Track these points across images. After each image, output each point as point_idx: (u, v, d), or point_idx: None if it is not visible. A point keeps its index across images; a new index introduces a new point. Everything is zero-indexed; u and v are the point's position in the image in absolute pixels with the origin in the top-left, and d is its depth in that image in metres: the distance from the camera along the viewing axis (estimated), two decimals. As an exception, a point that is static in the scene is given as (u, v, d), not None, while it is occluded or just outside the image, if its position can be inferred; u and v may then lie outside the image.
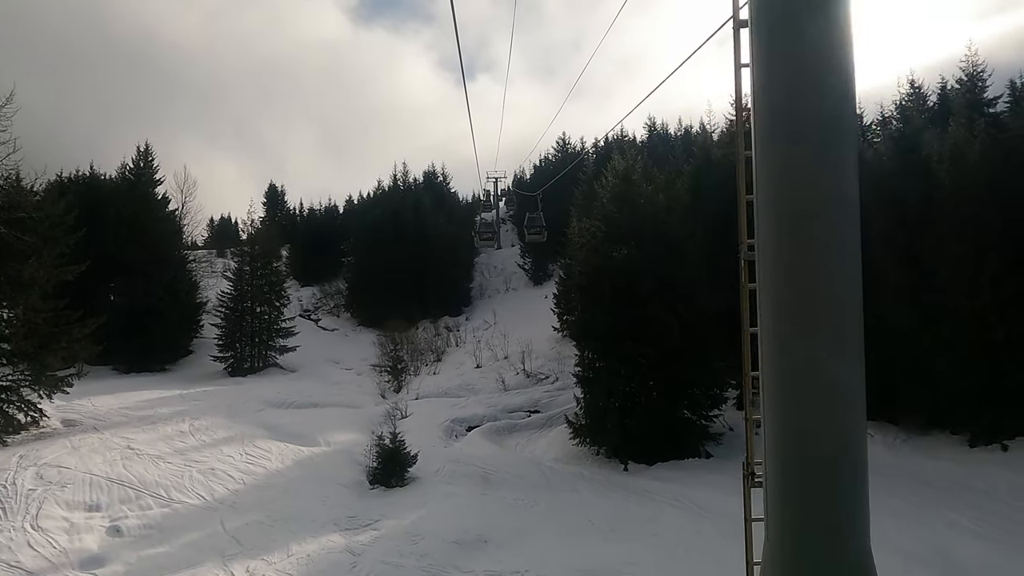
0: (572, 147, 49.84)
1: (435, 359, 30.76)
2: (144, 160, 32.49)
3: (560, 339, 29.29)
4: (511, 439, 19.10)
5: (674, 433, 16.45)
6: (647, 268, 16.95)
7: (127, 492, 12.36)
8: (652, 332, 16.52)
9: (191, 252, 44.44)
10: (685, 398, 17.14)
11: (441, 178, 53.20)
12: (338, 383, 26.62)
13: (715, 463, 15.84)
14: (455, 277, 39.45)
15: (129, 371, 27.73)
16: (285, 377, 27.75)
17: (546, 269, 40.65)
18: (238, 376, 27.68)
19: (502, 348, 28.77)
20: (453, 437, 19.27)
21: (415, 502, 13.10)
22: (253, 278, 29.83)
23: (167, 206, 32.84)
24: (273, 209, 60.01)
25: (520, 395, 22.60)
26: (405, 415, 20.85)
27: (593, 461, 16.77)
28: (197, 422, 17.40)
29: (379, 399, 24.31)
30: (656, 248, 17.26)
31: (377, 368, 29.38)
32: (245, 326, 29.06)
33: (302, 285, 45.35)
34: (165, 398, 21.28)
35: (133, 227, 28.68)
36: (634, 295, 16.67)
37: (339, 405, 22.07)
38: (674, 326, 16.50)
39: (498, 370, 26.23)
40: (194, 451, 15.08)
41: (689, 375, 17.11)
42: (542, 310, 33.16)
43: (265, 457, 15.08)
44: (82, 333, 18.25)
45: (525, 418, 20.90)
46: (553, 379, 24.62)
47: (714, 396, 17.38)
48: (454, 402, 22.23)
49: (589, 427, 17.19)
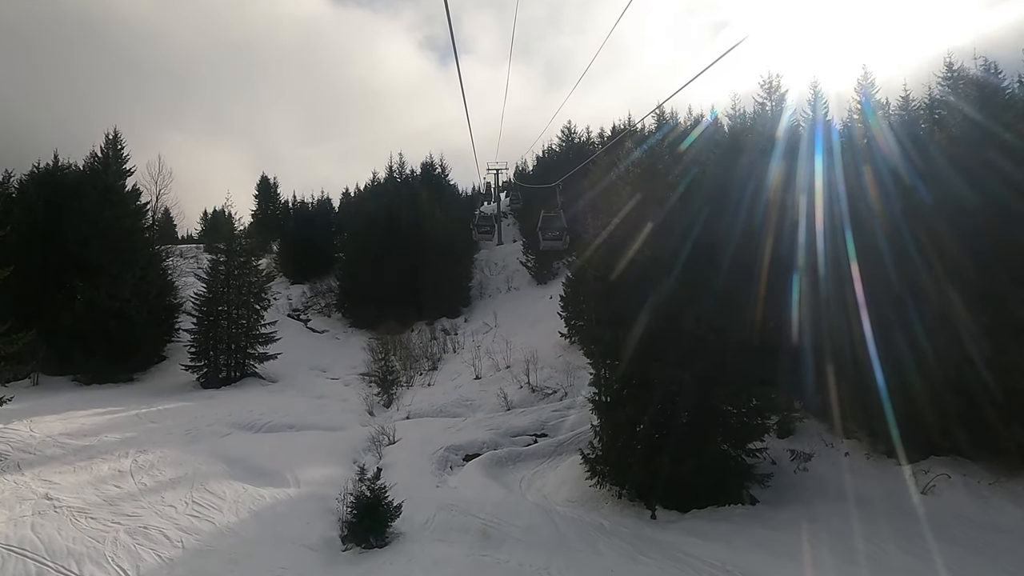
0: (578, 136, 47.01)
1: (430, 367, 28.02)
2: (112, 149, 29.61)
3: (568, 346, 26.59)
4: (515, 471, 16.35)
5: (711, 472, 13.69)
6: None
7: (26, 567, 9.63)
8: (685, 350, 13.76)
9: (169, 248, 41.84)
10: (721, 428, 14.38)
11: (439, 169, 50.40)
12: (321, 397, 23.90)
13: (764, 512, 13.09)
14: (453, 275, 36.71)
15: (92, 382, 25.08)
16: (263, 389, 25.01)
17: (551, 267, 37.93)
18: (211, 388, 24.94)
19: (504, 356, 26.03)
20: (448, 470, 16.54)
21: (397, 573, 10.36)
22: (230, 278, 27.02)
23: (137, 199, 29.98)
24: (265, 202, 57.37)
25: (525, 415, 19.85)
26: (393, 440, 18.13)
27: (614, 505, 14.04)
28: (143, 457, 14.66)
29: (366, 417, 21.57)
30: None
31: (366, 378, 26.69)
32: (220, 332, 26.29)
33: (292, 283, 42.87)
34: (118, 419, 18.57)
35: (96, 222, 25.89)
36: (664, 307, 13.88)
37: (319, 428, 19.31)
38: (711, 343, 13.74)
39: (500, 382, 23.49)
40: (129, 500, 12.34)
41: (727, 401, 14.37)
42: (547, 312, 30.46)
43: (216, 507, 12.33)
44: (7, 351, 15.46)
45: (531, 444, 18.17)
46: (561, 394, 21.88)
47: (755, 426, 14.59)
48: (450, 424, 19.48)
49: (608, 463, 14.44)
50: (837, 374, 15.20)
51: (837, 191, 15.34)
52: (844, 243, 14.48)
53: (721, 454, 14.10)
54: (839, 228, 14.73)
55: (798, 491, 14.01)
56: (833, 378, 15.35)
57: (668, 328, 13.74)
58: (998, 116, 15.03)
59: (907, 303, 13.73)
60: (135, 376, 26.28)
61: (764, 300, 14.74)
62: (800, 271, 15.00)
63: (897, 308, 13.85)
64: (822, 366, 15.50)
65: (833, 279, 14.59)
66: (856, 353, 14.49)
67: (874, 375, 14.37)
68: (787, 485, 14.30)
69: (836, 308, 14.78)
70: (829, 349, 14.94)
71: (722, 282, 14.08)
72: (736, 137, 22.76)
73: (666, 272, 14.35)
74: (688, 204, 15.43)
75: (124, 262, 26.03)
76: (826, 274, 14.68)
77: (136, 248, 26.88)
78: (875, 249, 14.17)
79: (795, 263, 15.10)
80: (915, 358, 13.69)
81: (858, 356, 14.53)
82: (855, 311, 14.35)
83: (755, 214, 15.57)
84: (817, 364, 15.52)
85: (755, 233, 15.45)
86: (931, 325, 13.37)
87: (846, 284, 14.31)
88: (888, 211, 14.41)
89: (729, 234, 14.86)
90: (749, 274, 14.72)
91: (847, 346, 14.62)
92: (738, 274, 14.58)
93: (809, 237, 15.31)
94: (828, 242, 14.77)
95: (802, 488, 14.10)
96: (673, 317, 13.81)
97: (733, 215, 15.25)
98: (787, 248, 15.32)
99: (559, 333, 26.91)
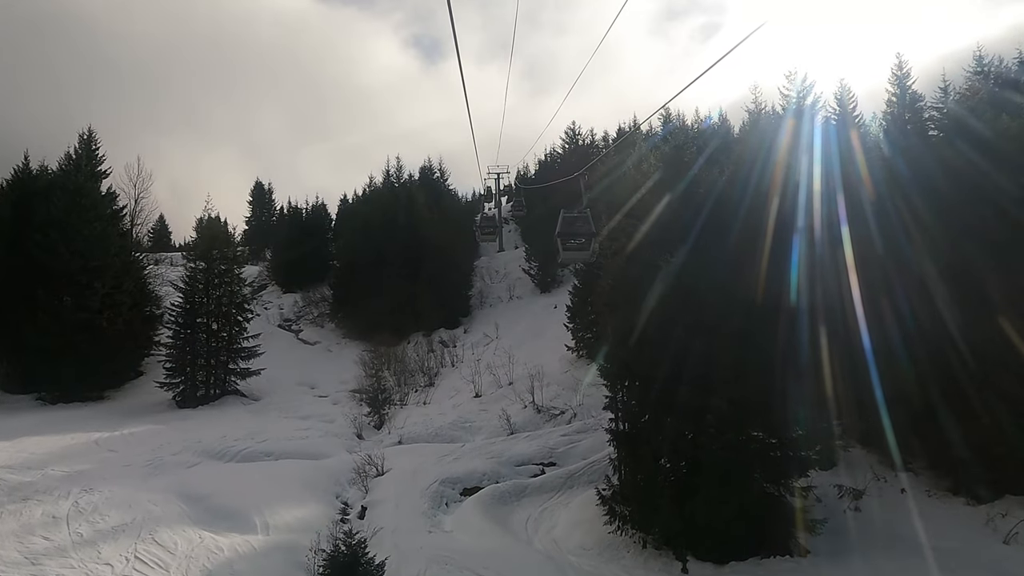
0: (583, 138, 45.06)
1: (427, 383, 25.96)
2: (86, 148, 27.68)
3: (575, 360, 24.53)
4: (520, 509, 14.25)
5: (753, 517, 11.59)
6: (711, 284, 12.17)
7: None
8: (722, 373, 11.74)
9: (159, 256, 40.01)
10: (760, 462, 12.30)
11: (438, 174, 48.48)
12: (306, 418, 21.79)
13: (817, 566, 11.03)
14: (452, 283, 34.67)
15: (58, 401, 23.04)
16: (243, 409, 22.94)
17: (555, 275, 35.86)
18: (187, 408, 22.88)
19: (506, 371, 23.94)
20: (443, 507, 14.44)
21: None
22: (210, 287, 25.02)
23: (113, 202, 27.99)
24: (259, 208, 55.71)
25: (530, 441, 17.76)
26: (381, 471, 16.05)
27: (637, 555, 11.95)
28: (87, 498, 12.58)
29: (353, 442, 19.47)
30: (720, 254, 12.47)
31: (357, 395, 24.61)
32: (198, 346, 24.25)
33: (284, 291, 41.00)
34: (73, 447, 16.56)
35: (64, 227, 23.90)
36: (695, 321, 11.87)
37: (299, 456, 17.21)
38: (752, 364, 11.71)
39: (502, 401, 21.40)
40: (57, 556, 10.27)
41: (768, 430, 12.32)
42: (552, 323, 28.44)
43: (162, 564, 10.26)
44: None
45: (537, 474, 16.09)
46: (570, 415, 19.79)
47: (801, 459, 12.50)
48: (446, 451, 17.38)
49: (630, 504, 12.36)
50: (890, 396, 13.24)
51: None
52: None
53: (763, 495, 12.03)
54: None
55: (853, 538, 11.90)
56: (884, 400, 13.41)
57: (702, 345, 11.71)
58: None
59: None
60: (106, 394, 24.24)
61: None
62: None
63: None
64: (868, 385, 13.56)
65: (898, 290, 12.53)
66: (918, 371, 12.50)
67: (935, 398, 12.44)
68: (837, 530, 12.17)
69: (893, 324, 12.77)
70: (884, 366, 12.94)
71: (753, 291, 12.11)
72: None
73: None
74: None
75: (94, 270, 24.05)
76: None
77: (108, 255, 24.85)
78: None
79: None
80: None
81: (920, 374, 12.56)
82: (913, 328, 12.39)
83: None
84: (864, 384, 13.58)
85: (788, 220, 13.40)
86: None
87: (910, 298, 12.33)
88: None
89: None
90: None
91: (905, 363, 12.64)
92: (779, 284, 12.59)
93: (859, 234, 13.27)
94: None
95: (857, 534, 11.99)
96: (707, 331, 11.80)
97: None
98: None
99: (566, 347, 24.86)
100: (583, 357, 24.39)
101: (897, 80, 22.00)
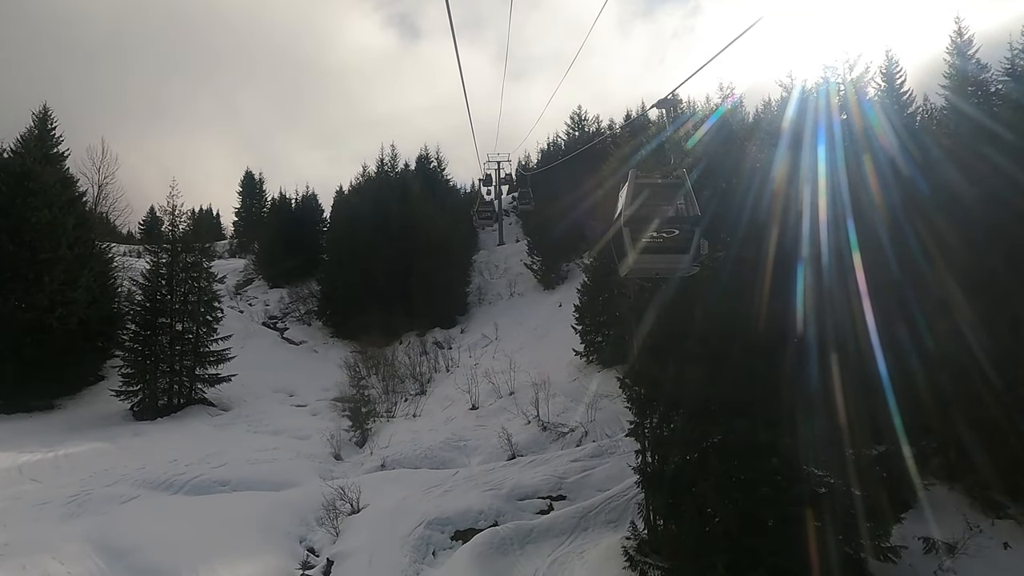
0: (589, 124, 42.30)
1: (418, 391, 23.27)
2: (40, 128, 24.88)
3: (584, 366, 21.83)
4: (525, 561, 11.51)
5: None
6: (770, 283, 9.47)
7: None
8: (785, 401, 9.03)
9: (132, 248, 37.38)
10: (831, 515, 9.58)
11: (435, 163, 45.79)
12: (278, 433, 19.08)
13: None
14: (449, 278, 31.94)
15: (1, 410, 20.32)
16: (208, 422, 20.19)
17: (559, 270, 33.12)
18: (144, 420, 20.14)
19: (507, 379, 21.22)
20: (429, 558, 11.70)
21: None
22: (173, 282, 22.27)
23: (72, 189, 25.17)
24: (249, 199, 53.19)
25: (535, 467, 15.00)
26: (357, 508, 13.30)
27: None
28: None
29: (329, 464, 16.77)
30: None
31: (339, 405, 21.92)
32: (160, 350, 21.52)
33: (271, 287, 38.38)
34: (-11, 475, 13.83)
35: (8, 215, 21.15)
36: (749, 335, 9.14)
37: (261, 486, 14.45)
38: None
39: (502, 415, 18.72)
40: None
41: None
42: (557, 323, 25.74)
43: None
44: None
45: (545, 510, 13.37)
46: (580, 435, 17.07)
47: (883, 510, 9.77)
48: (436, 480, 14.61)
49: (668, 566, 9.65)
50: (982, 426, 10.65)
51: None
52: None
53: (839, 558, 9.30)
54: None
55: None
56: (973, 431, 10.81)
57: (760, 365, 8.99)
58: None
59: None
60: (58, 402, 21.48)
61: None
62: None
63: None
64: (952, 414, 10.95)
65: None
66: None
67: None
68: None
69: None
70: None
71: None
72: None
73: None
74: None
75: (44, 263, 21.30)
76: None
77: (62, 246, 22.08)
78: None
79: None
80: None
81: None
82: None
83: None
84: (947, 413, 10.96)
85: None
86: None
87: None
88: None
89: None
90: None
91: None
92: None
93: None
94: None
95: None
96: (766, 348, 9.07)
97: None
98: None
99: (573, 351, 22.13)
100: (593, 363, 21.72)
101: (956, 48, 19.14)
